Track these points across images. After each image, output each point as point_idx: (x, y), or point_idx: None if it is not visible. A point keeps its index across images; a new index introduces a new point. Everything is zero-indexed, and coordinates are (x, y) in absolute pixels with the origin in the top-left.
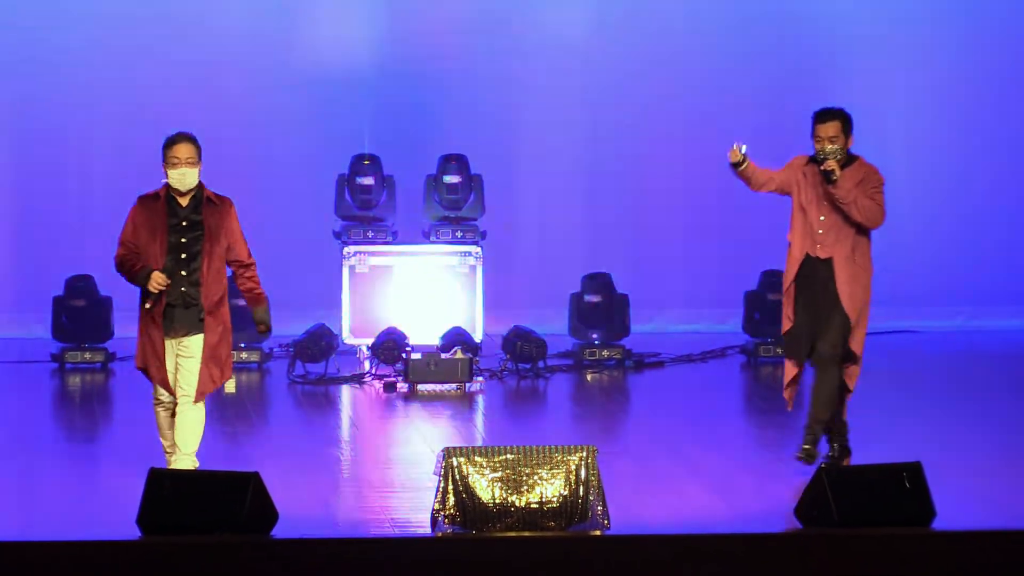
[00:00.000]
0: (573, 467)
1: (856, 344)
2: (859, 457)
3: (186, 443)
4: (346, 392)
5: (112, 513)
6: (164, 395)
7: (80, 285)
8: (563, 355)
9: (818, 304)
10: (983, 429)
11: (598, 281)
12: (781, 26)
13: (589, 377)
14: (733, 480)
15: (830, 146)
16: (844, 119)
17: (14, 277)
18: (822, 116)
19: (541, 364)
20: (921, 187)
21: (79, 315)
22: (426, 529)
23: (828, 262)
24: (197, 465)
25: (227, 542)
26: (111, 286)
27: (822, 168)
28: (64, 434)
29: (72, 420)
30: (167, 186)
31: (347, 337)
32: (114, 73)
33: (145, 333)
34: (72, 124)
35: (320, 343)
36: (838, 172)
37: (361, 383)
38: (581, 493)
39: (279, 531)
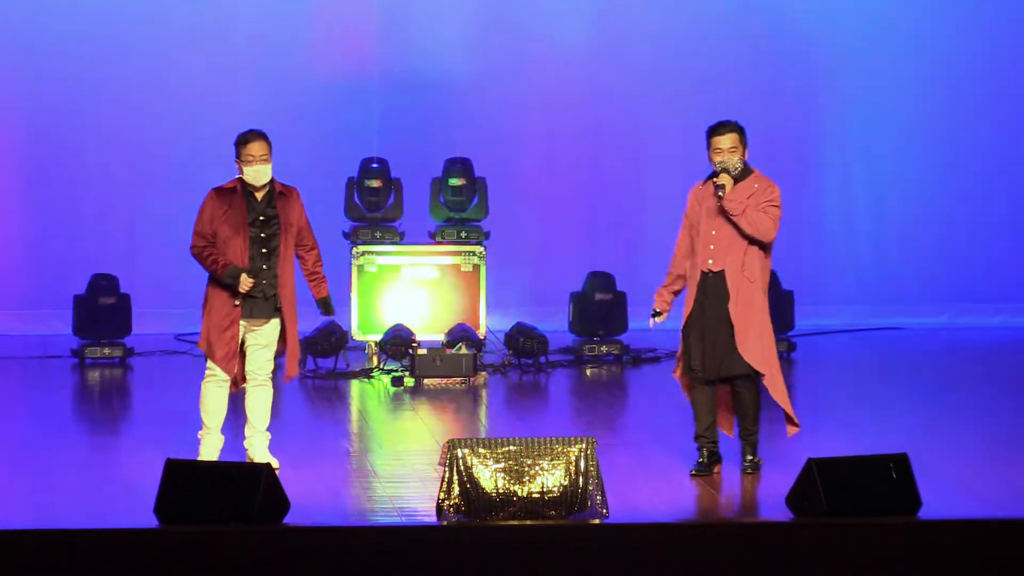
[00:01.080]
0: (573, 458)
1: (763, 363)
2: (848, 449)
3: (261, 419)
4: (355, 386)
5: (130, 503)
6: (221, 372)
7: (102, 283)
8: (564, 351)
9: (713, 327)
10: (967, 422)
11: (603, 279)
12: (782, 27)
13: (589, 372)
14: (725, 471)
15: (730, 157)
16: (740, 131)
17: (37, 276)
18: (718, 129)
19: (543, 359)
20: (907, 187)
21: (100, 312)
22: (432, 518)
23: (720, 275)
24: (269, 438)
25: (240, 531)
26: (130, 284)
27: (715, 181)
28: (84, 427)
29: (91, 413)
30: (241, 181)
31: (356, 333)
32: (133, 74)
33: (213, 315)
34: (92, 125)
35: (330, 339)
36: (729, 185)
37: (369, 377)
38: (581, 483)
39: (290, 520)
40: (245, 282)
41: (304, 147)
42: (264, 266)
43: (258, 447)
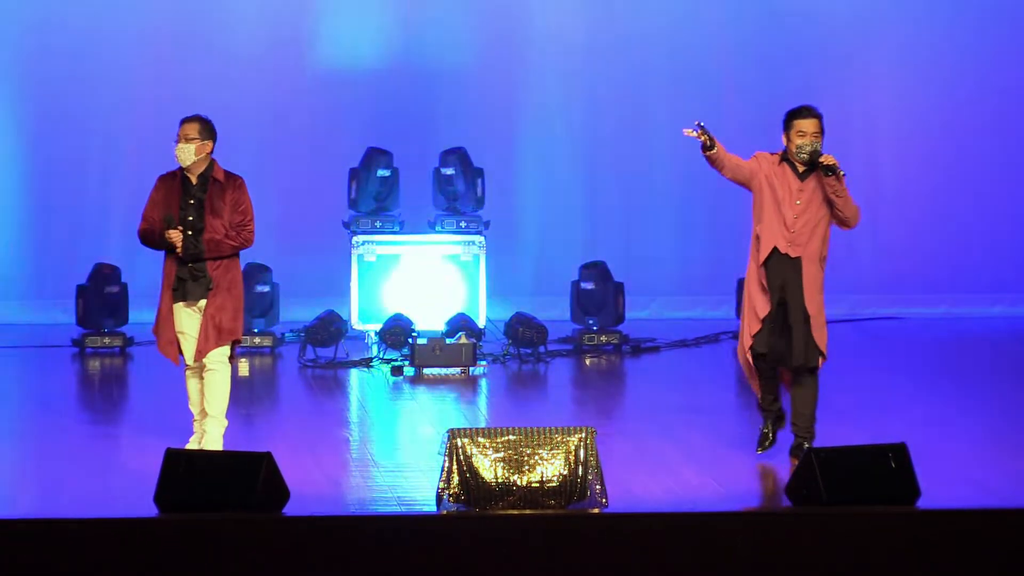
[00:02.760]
0: (572, 448)
1: (822, 345)
2: (846, 439)
3: (213, 404)
4: (355, 376)
5: (130, 491)
6: (192, 362)
7: (103, 273)
8: (563, 340)
9: (784, 309)
10: (966, 412)
11: (593, 269)
12: (780, 21)
13: (588, 362)
14: (725, 460)
15: (814, 141)
16: (821, 118)
17: (37, 266)
18: (802, 112)
19: (542, 349)
20: (905, 177)
21: (101, 302)
22: (431, 507)
23: (796, 261)
24: (226, 425)
25: (240, 519)
26: (130, 273)
27: (824, 163)
28: (84, 416)
29: (92, 402)
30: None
31: (356, 323)
32: (136, 65)
33: (159, 306)
34: (95, 116)
35: (330, 328)
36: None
37: (369, 367)
38: (580, 473)
39: (290, 509)
40: (169, 235)
41: (304, 137)
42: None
43: (210, 433)
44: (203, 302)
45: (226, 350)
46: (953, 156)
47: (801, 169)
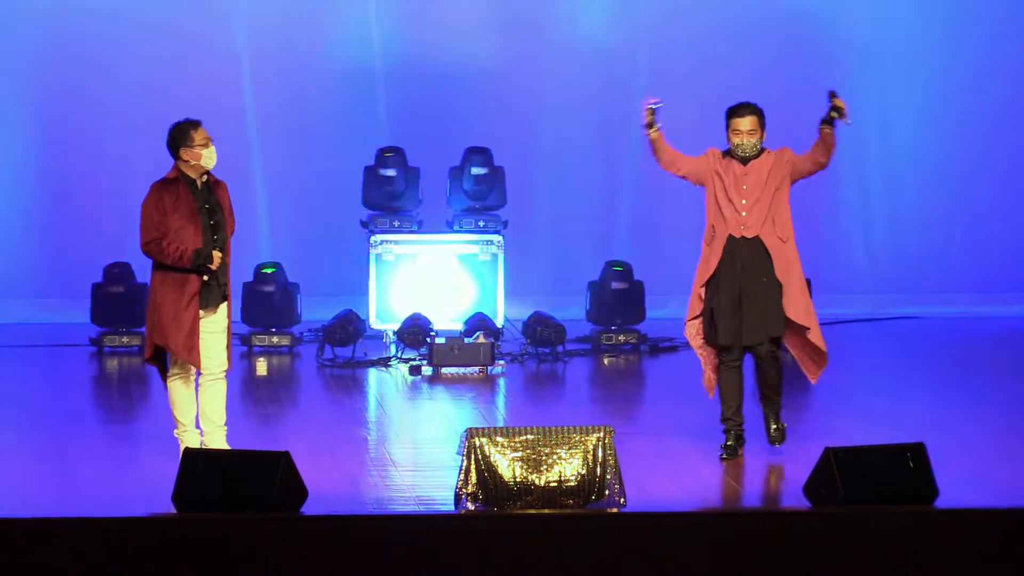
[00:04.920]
0: (591, 447)
1: (807, 317)
2: (865, 438)
3: (218, 414)
4: (373, 375)
5: (148, 491)
6: (184, 368)
7: (118, 272)
8: (581, 340)
9: (752, 294)
10: (985, 411)
11: (619, 269)
12: (793, 21)
13: (606, 361)
14: (744, 459)
15: (749, 139)
16: (759, 113)
17: (54, 265)
18: (739, 110)
19: (560, 348)
20: (924, 176)
21: (117, 301)
22: (449, 506)
23: (754, 241)
24: (226, 431)
25: (258, 519)
26: (146, 273)
27: (837, 104)
28: (102, 415)
29: (110, 401)
30: (178, 170)
31: (374, 322)
32: (150, 64)
33: (167, 307)
34: (109, 115)
35: (348, 328)
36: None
37: (387, 366)
38: (598, 472)
39: (308, 508)
40: (216, 257)
41: (322, 136)
42: (219, 252)
43: (218, 442)
44: (222, 309)
45: None
46: (973, 156)
47: (745, 158)
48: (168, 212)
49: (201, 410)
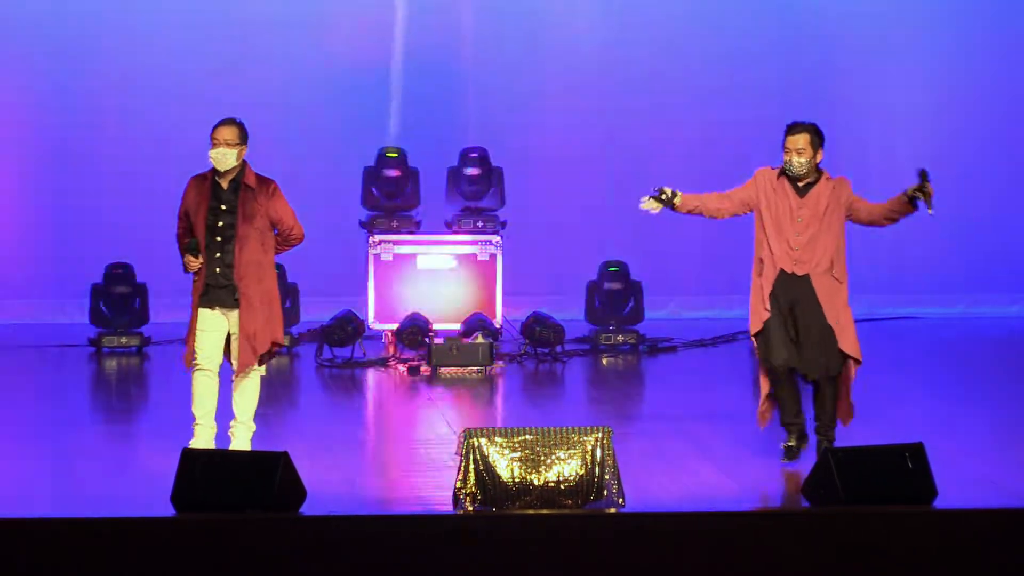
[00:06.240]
0: (589, 447)
1: (858, 351)
2: (864, 439)
3: (244, 411)
4: (371, 375)
5: (147, 491)
6: (205, 362)
7: (118, 273)
8: (580, 340)
9: (807, 329)
10: (983, 412)
11: (615, 269)
12: (792, 22)
13: (605, 361)
14: (742, 460)
15: (797, 158)
16: (813, 131)
17: (54, 266)
18: (791, 128)
19: (559, 348)
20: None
21: (116, 302)
22: (448, 507)
23: (804, 279)
24: (254, 430)
25: (257, 519)
26: (148, 273)
27: (927, 191)
28: (101, 415)
29: (109, 402)
30: (214, 168)
31: (372, 323)
32: (149, 64)
33: (193, 314)
34: (109, 116)
35: (347, 328)
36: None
37: (386, 367)
38: (597, 472)
39: (307, 508)
40: (189, 260)
41: (322, 137)
42: (217, 253)
43: (240, 438)
44: (235, 313)
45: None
46: (971, 157)
47: (801, 184)
48: (190, 205)
49: (232, 405)
